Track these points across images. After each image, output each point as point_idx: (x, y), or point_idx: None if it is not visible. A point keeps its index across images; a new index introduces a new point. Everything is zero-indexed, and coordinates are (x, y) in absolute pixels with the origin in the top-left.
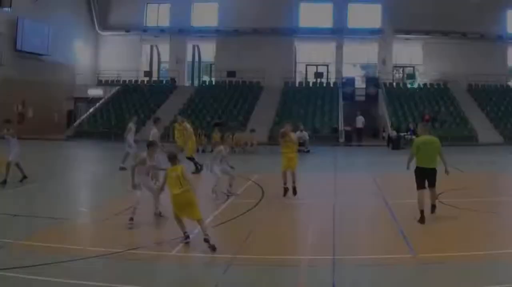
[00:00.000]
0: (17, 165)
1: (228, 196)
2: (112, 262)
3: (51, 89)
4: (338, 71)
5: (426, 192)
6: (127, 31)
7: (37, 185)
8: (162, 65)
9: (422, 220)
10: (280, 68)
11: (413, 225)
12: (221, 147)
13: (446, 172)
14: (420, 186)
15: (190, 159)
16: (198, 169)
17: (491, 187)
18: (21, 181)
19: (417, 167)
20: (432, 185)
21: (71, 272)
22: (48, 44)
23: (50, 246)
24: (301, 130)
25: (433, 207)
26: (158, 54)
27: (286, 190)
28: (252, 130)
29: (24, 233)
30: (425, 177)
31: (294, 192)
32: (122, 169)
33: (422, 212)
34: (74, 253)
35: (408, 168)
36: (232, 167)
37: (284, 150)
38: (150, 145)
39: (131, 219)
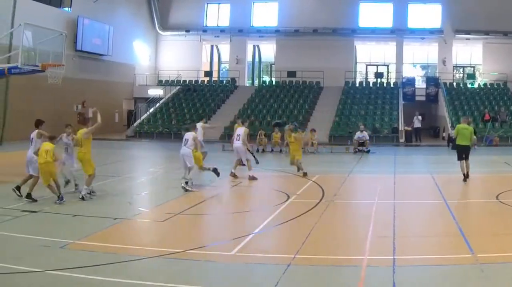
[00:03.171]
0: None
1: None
2: (171, 262)
3: (111, 89)
4: (398, 71)
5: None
6: (187, 31)
7: (97, 185)
8: (222, 65)
9: (465, 179)
10: (340, 68)
11: (473, 224)
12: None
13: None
14: (460, 158)
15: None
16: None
17: None
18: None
19: (457, 145)
20: (467, 158)
21: (130, 272)
22: (109, 44)
23: (110, 246)
24: (362, 131)
25: (467, 174)
26: (219, 54)
27: None
28: (313, 130)
29: (83, 233)
30: (462, 151)
31: None
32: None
33: (464, 175)
34: (133, 252)
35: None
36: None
37: None
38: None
39: None
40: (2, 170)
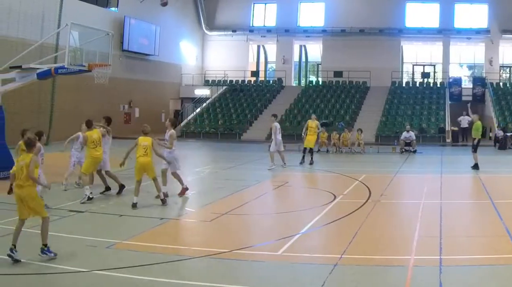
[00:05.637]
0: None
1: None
2: (218, 262)
3: (158, 89)
4: (445, 71)
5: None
6: (234, 31)
7: (144, 185)
8: (269, 65)
9: (475, 167)
10: (387, 68)
11: None
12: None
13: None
14: (476, 150)
15: None
16: None
17: None
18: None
19: (478, 139)
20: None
21: (177, 272)
22: (155, 44)
23: (156, 246)
24: (408, 131)
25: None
26: (265, 54)
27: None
28: (359, 130)
29: (130, 233)
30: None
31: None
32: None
33: (477, 163)
34: (180, 252)
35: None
36: None
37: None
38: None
39: None
40: (47, 170)
